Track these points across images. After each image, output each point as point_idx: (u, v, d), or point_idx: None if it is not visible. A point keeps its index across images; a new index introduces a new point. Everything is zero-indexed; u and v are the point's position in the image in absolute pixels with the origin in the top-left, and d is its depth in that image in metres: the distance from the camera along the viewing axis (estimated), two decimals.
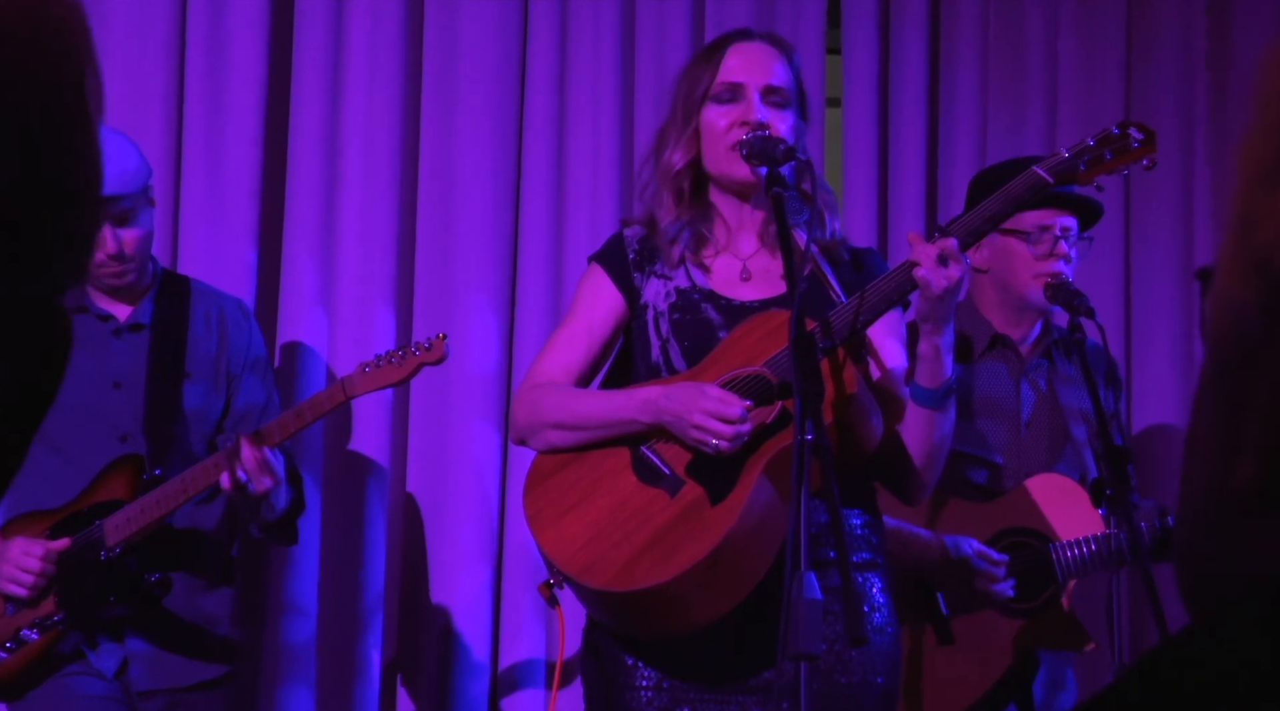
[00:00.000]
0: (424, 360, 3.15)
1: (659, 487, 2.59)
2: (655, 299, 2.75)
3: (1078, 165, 2.60)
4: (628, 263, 2.79)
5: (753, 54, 2.76)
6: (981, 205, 2.58)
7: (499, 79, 4.12)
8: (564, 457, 2.69)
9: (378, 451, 3.98)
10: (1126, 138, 2.61)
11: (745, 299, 2.73)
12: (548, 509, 2.64)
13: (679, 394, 2.57)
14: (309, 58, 4.06)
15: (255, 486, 3.11)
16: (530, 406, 2.72)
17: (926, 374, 2.60)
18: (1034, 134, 4.36)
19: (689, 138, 2.74)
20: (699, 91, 2.74)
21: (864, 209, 4.29)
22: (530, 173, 4.13)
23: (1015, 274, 3.44)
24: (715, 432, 2.51)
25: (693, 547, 2.51)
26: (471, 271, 4.06)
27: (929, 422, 2.62)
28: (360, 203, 4.02)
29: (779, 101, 2.74)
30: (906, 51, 4.33)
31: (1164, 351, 4.28)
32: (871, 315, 2.58)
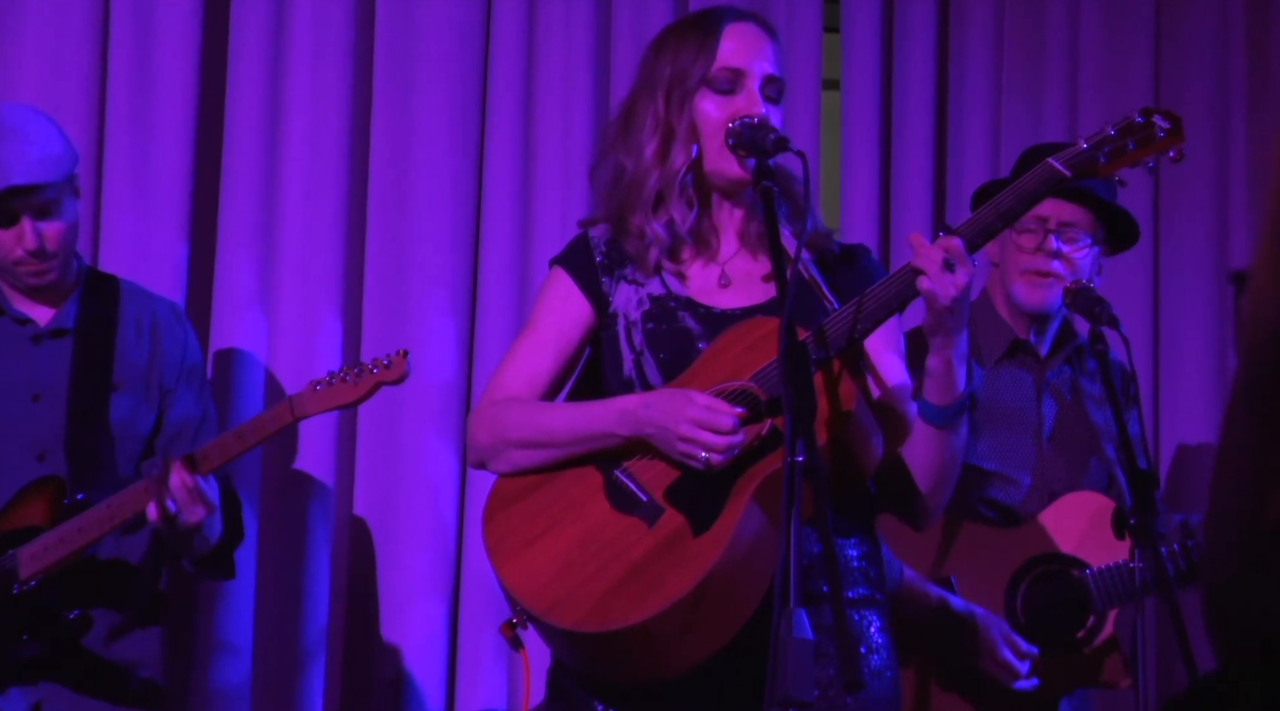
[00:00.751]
0: (382, 379, 3.14)
1: (635, 515, 2.59)
2: (626, 307, 2.74)
3: (1097, 157, 2.60)
4: (594, 266, 2.78)
5: (752, 37, 2.75)
6: (993, 200, 2.59)
7: (459, 59, 4.12)
8: (528, 481, 2.68)
9: (321, 470, 3.98)
10: (1151, 126, 2.62)
11: (725, 306, 2.73)
12: (510, 538, 2.64)
13: (661, 402, 2.57)
14: (248, 33, 4.05)
15: (186, 518, 3.11)
16: (492, 423, 2.71)
17: (937, 389, 2.59)
18: (1053, 119, 4.38)
19: (688, 131, 2.72)
20: (693, 76, 2.72)
21: (864, 203, 4.31)
22: (494, 163, 4.13)
23: (1008, 270, 3.47)
24: (705, 444, 2.51)
25: (674, 583, 2.50)
26: (428, 271, 4.06)
27: (939, 442, 2.62)
28: (304, 193, 4.02)
29: (775, 95, 2.74)
30: (912, 29, 4.35)
31: (1195, 364, 4.30)
32: (870, 324, 2.57)
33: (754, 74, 2.71)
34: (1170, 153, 2.63)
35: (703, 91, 2.72)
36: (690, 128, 2.71)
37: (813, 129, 4.25)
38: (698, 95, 2.72)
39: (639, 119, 2.76)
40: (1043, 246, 3.40)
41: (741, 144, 2.68)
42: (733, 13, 2.79)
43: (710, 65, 2.71)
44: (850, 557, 2.68)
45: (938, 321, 2.54)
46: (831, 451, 2.51)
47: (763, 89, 2.72)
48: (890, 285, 2.59)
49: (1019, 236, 3.42)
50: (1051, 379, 3.53)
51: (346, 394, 3.15)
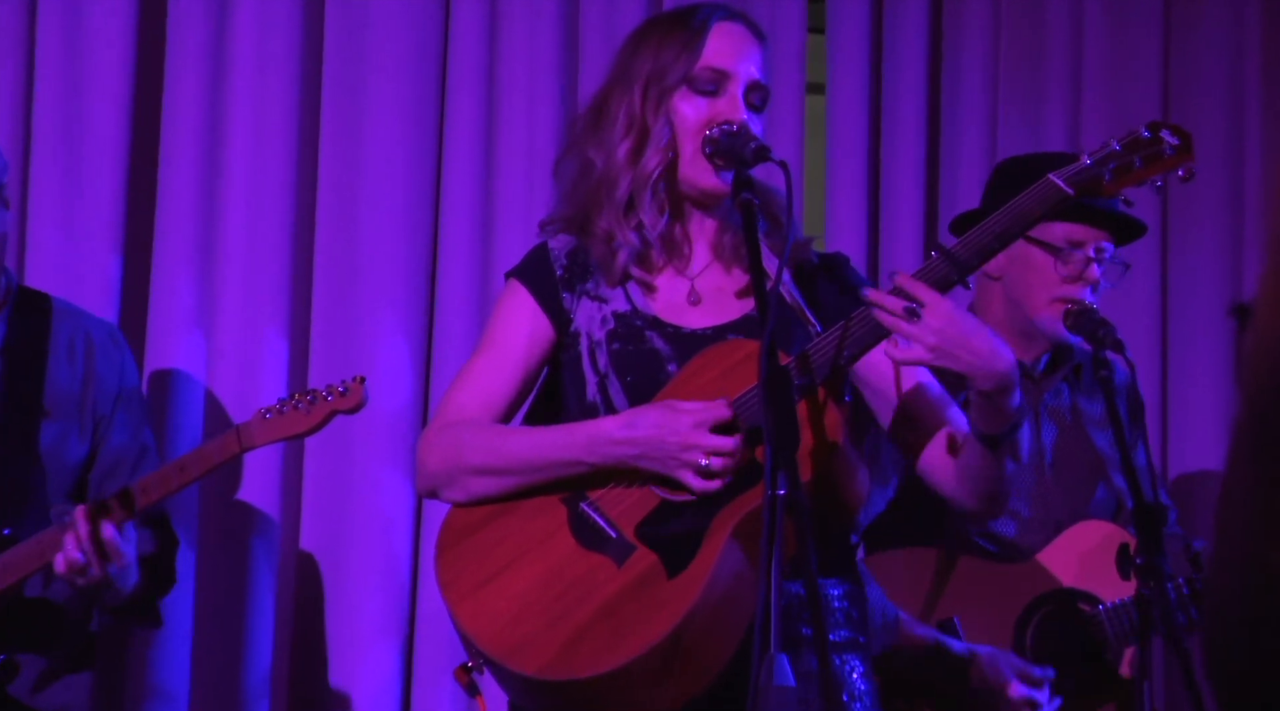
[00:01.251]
0: (337, 407, 3.14)
1: (603, 553, 2.58)
2: (589, 325, 2.73)
3: (1101, 174, 2.60)
4: (554, 280, 2.77)
5: (740, 38, 2.74)
6: (988, 220, 2.58)
7: (415, 60, 4.12)
8: (485, 512, 2.67)
9: (265, 503, 3.97)
10: (1159, 142, 2.62)
11: (695, 326, 2.72)
12: (465, 575, 2.63)
13: (647, 416, 2.55)
14: (186, 34, 4.04)
15: (94, 571, 3.08)
16: (445, 448, 2.69)
17: (987, 420, 2.57)
18: (1053, 129, 4.40)
19: (662, 131, 2.71)
20: (673, 74, 2.71)
21: (850, 217, 4.32)
22: (452, 171, 4.13)
23: (1031, 292, 3.45)
24: (710, 446, 2.49)
25: (647, 628, 2.49)
26: (380, 288, 4.06)
27: (996, 460, 2.60)
28: (246, 205, 4.01)
29: (759, 102, 2.74)
30: (903, 30, 4.36)
31: (1206, 393, 4.31)
32: (859, 349, 2.57)
33: (739, 77, 2.71)
34: (1179, 171, 2.63)
35: (682, 91, 2.71)
36: (667, 128, 2.71)
37: (795, 136, 4.26)
38: (676, 94, 2.71)
39: (612, 114, 2.75)
40: (1084, 275, 3.41)
41: (719, 152, 2.67)
42: (722, 10, 2.78)
43: (693, 63, 2.71)
44: (831, 598, 2.68)
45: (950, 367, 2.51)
46: (814, 485, 2.50)
47: (747, 94, 2.72)
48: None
49: (1051, 261, 3.41)
50: (1050, 401, 3.53)
51: (298, 423, 3.14)
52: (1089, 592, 3.35)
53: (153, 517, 3.40)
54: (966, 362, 2.50)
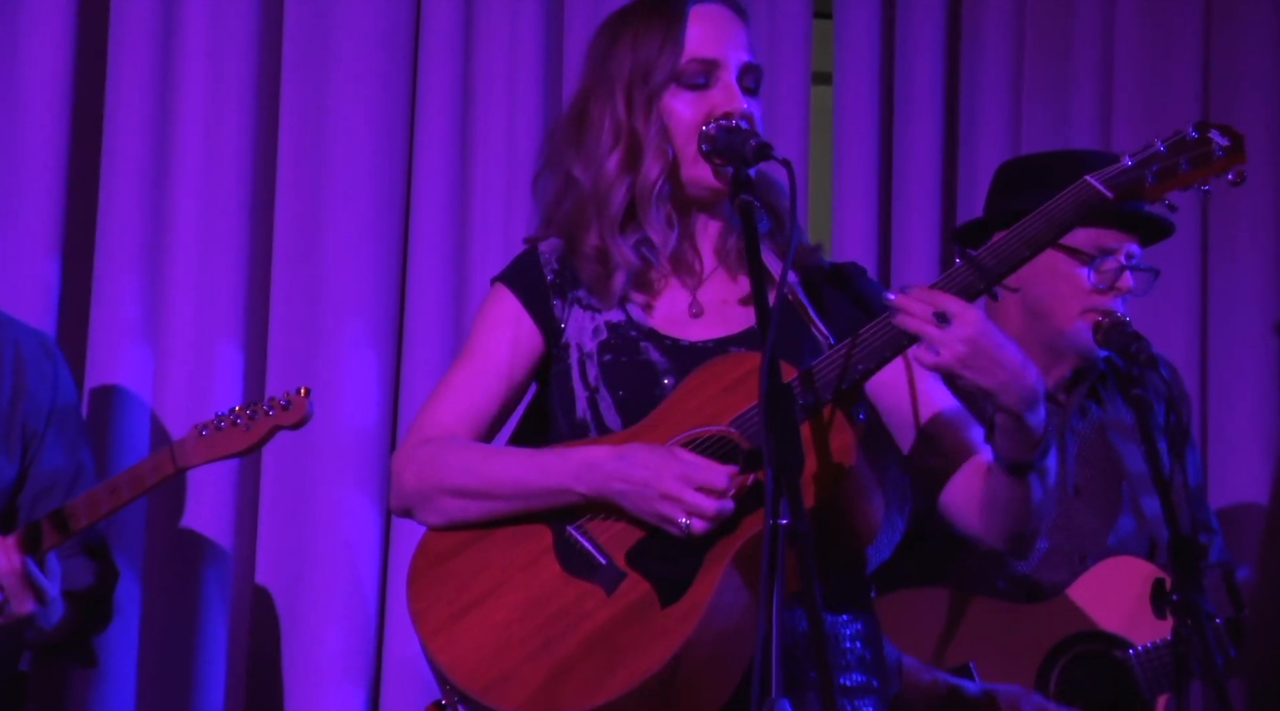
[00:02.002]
0: (279, 423, 3.15)
1: (591, 581, 2.60)
2: (580, 336, 2.75)
3: (1144, 176, 2.61)
4: (545, 286, 2.79)
5: (722, 20, 2.76)
6: (1019, 226, 2.59)
7: (384, 47, 4.14)
8: (463, 537, 2.68)
9: (217, 530, 3.98)
10: (1207, 143, 2.63)
11: (695, 338, 2.74)
12: (440, 603, 2.64)
13: (642, 453, 2.57)
14: (131, 20, 4.06)
15: (14, 607, 3.09)
16: (423, 465, 2.71)
17: (1011, 446, 2.57)
18: (1082, 118, 4.42)
19: (659, 137, 2.73)
20: (659, 72, 2.72)
21: (859, 216, 4.33)
22: (424, 169, 4.15)
23: (1060, 304, 3.45)
24: (692, 506, 2.51)
25: (639, 661, 2.51)
26: (345, 296, 4.07)
27: (1025, 490, 2.60)
28: (198, 206, 4.03)
29: (753, 85, 2.75)
30: (917, 15, 4.38)
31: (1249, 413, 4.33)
32: (874, 363, 2.58)
33: (729, 63, 2.73)
34: (1229, 175, 2.64)
35: (671, 88, 2.72)
36: (662, 132, 2.72)
37: (800, 129, 4.27)
38: (666, 93, 2.72)
39: (594, 122, 2.77)
40: (1117, 285, 3.42)
41: (717, 150, 2.68)
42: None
43: (678, 57, 2.72)
44: (843, 637, 2.69)
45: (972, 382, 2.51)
46: (823, 513, 2.51)
47: (740, 79, 2.73)
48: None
49: (1079, 270, 3.43)
50: (1075, 422, 3.54)
51: (237, 440, 3.15)
52: (1119, 636, 3.36)
53: (91, 546, 3.41)
54: (996, 377, 2.51)
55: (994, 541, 2.68)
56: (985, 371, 2.50)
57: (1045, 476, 2.62)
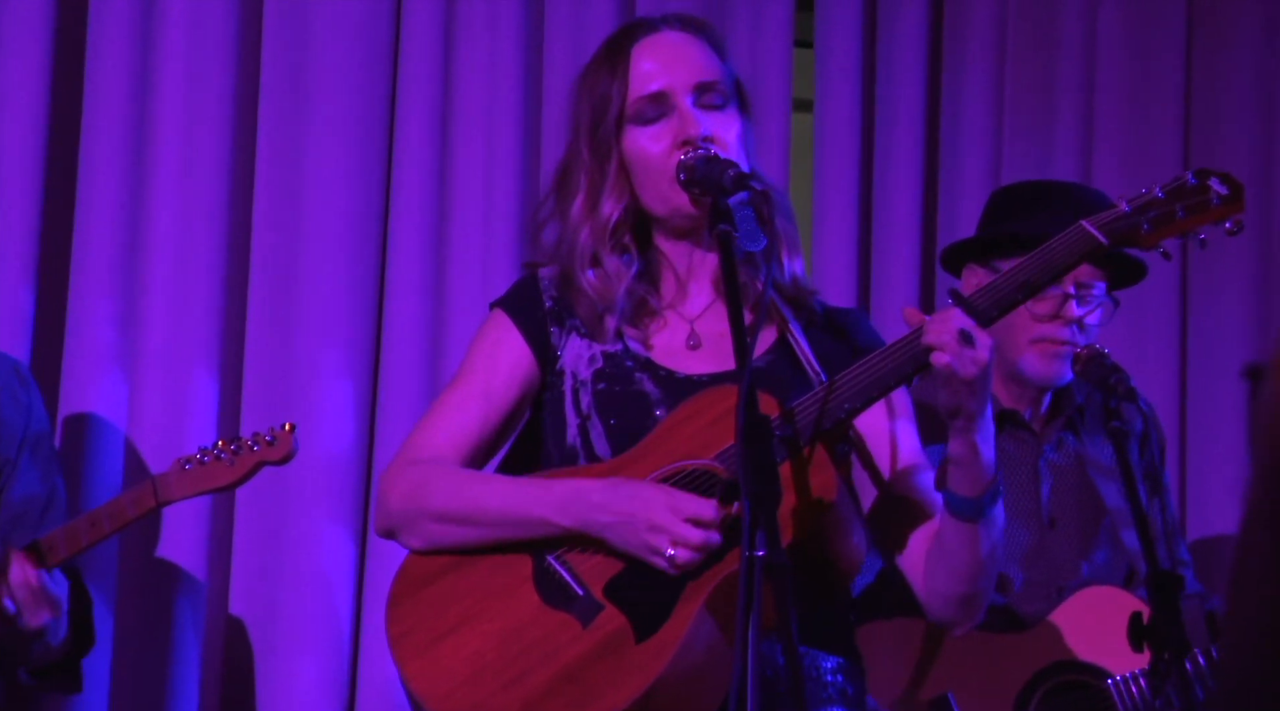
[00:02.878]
0: (264, 458, 3.15)
1: (568, 612, 2.60)
2: (576, 363, 2.76)
3: (1140, 223, 2.61)
4: (543, 312, 2.80)
5: (667, 48, 2.77)
6: (1013, 269, 2.60)
7: (362, 76, 4.15)
8: (443, 562, 2.69)
9: (190, 560, 3.98)
10: (1206, 191, 2.63)
11: (692, 371, 2.74)
12: (419, 630, 2.64)
13: (627, 488, 2.58)
14: (108, 43, 4.07)
15: (27, 620, 3.09)
16: (410, 487, 2.71)
17: (965, 479, 2.60)
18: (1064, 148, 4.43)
19: (616, 178, 2.74)
20: (611, 113, 2.74)
21: (840, 244, 4.35)
22: (401, 199, 4.15)
23: (1011, 334, 3.50)
24: (679, 536, 2.51)
25: (611, 695, 2.51)
26: (321, 324, 4.08)
27: (973, 538, 2.62)
28: (174, 232, 4.03)
29: (716, 101, 2.75)
30: (899, 43, 4.40)
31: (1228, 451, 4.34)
32: (860, 402, 2.58)
33: (679, 89, 2.73)
34: (1226, 223, 2.64)
35: (628, 128, 2.74)
36: (620, 170, 2.74)
37: (781, 157, 4.29)
38: (624, 134, 2.74)
39: (568, 168, 2.81)
40: (1061, 313, 3.44)
41: (694, 181, 2.69)
42: (643, 26, 2.81)
43: (625, 99, 2.74)
44: (824, 671, 2.69)
45: (957, 403, 2.54)
46: (805, 550, 2.51)
47: (698, 100, 2.74)
48: (887, 357, 2.59)
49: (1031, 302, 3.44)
50: (1050, 454, 3.56)
51: (221, 475, 3.16)
52: (1097, 665, 3.37)
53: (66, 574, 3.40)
54: (982, 403, 2.55)
55: (941, 605, 2.69)
56: (981, 396, 2.53)
57: (992, 528, 2.64)
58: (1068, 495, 3.56)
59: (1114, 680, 3.36)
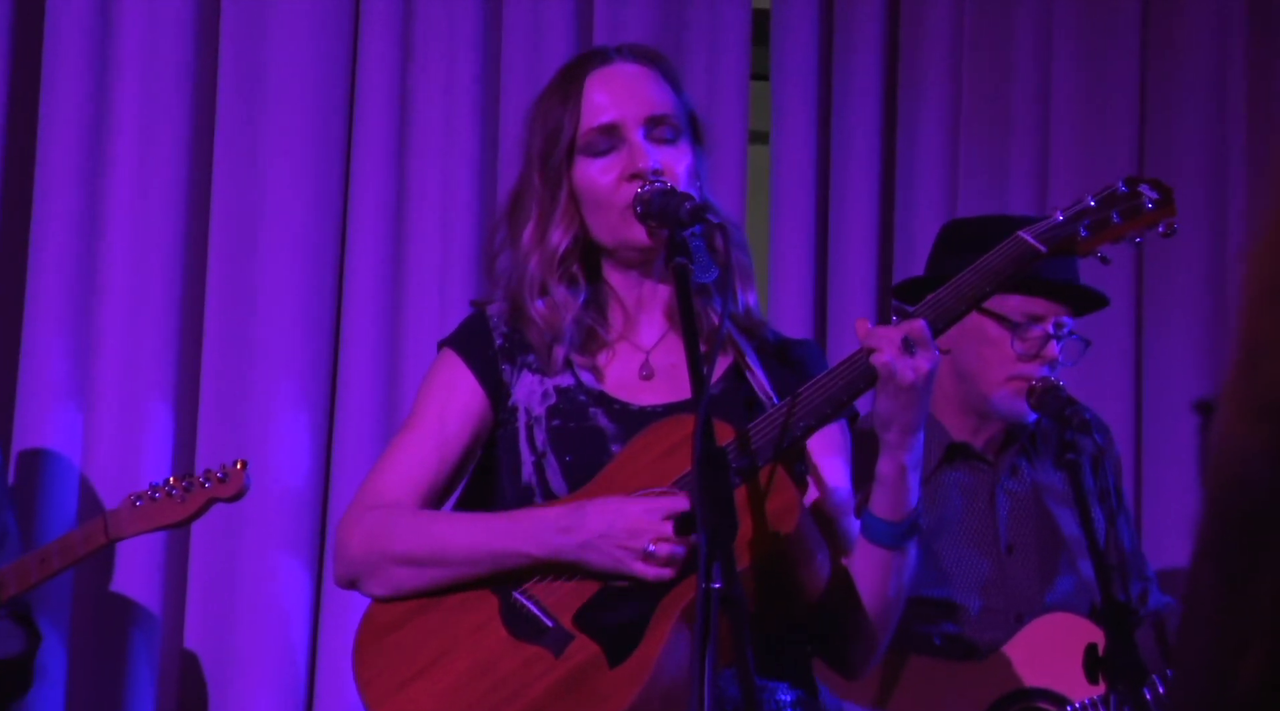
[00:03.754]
0: (215, 495, 3.15)
1: (538, 644, 2.59)
2: (529, 400, 2.75)
3: (1076, 230, 2.65)
4: (493, 350, 2.79)
5: (620, 80, 2.78)
6: (956, 280, 2.62)
7: (319, 102, 4.15)
8: (408, 606, 2.68)
9: (145, 594, 3.97)
10: (1137, 196, 2.67)
11: (645, 403, 2.74)
12: (386, 674, 2.63)
13: (594, 506, 2.58)
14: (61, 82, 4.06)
15: None
16: (370, 534, 2.70)
17: (887, 502, 2.60)
18: (1019, 180, 4.45)
19: (566, 207, 2.75)
20: (562, 144, 2.74)
21: (797, 275, 4.36)
22: (359, 229, 4.16)
23: (986, 369, 3.51)
24: (662, 534, 2.50)
25: None
26: (277, 357, 4.08)
27: (885, 568, 2.63)
28: (128, 262, 4.03)
29: (667, 135, 2.76)
30: (854, 75, 4.42)
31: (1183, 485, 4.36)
32: (814, 421, 2.59)
33: (630, 122, 2.73)
34: (1159, 227, 2.68)
35: (578, 159, 2.75)
36: (570, 200, 2.74)
37: (737, 189, 4.30)
38: (575, 164, 2.75)
39: (521, 197, 2.81)
40: (1041, 353, 3.46)
41: (651, 213, 2.69)
42: (597, 57, 2.81)
43: (575, 130, 2.75)
44: (782, 704, 2.69)
45: (893, 411, 2.55)
46: (764, 576, 2.52)
47: (649, 134, 2.74)
48: (836, 376, 2.60)
49: (1007, 335, 3.47)
50: (1006, 482, 3.57)
51: (172, 512, 3.15)
52: (1055, 692, 3.38)
53: (14, 611, 3.39)
54: (920, 415, 2.56)
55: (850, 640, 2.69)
56: (917, 409, 2.54)
57: (905, 563, 2.64)
58: (1026, 522, 3.57)
59: (1072, 707, 3.37)
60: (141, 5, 4.09)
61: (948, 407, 3.57)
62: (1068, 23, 4.50)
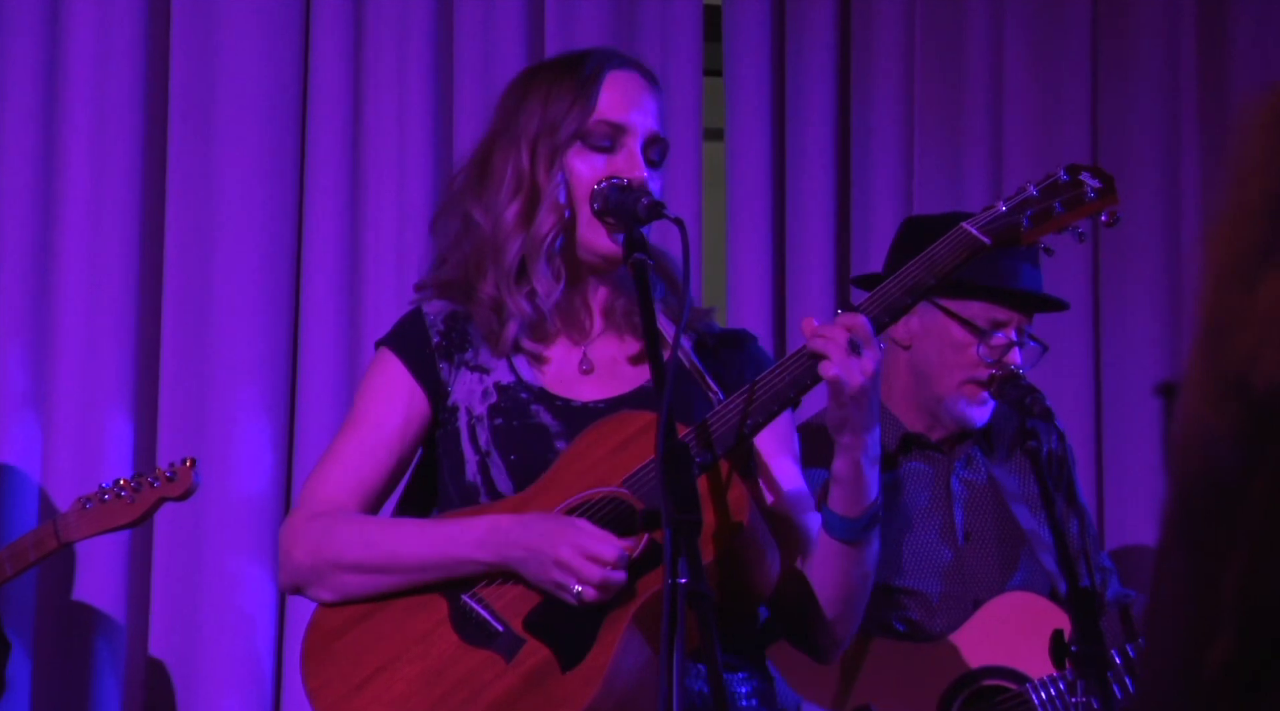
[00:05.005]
0: (164, 494, 3.14)
1: (489, 649, 2.59)
2: (469, 399, 2.74)
3: (1019, 221, 2.65)
4: (430, 348, 2.78)
5: (636, 89, 2.77)
6: (899, 273, 2.63)
7: (271, 101, 4.15)
8: (355, 610, 2.67)
9: (108, 601, 3.96)
10: (1079, 185, 2.68)
11: (587, 399, 2.74)
12: (337, 681, 2.63)
13: (540, 522, 2.58)
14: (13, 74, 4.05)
15: None
16: (314, 541, 2.69)
17: (845, 498, 2.61)
18: (974, 175, 4.46)
19: (556, 191, 2.72)
20: (565, 129, 2.73)
21: (754, 273, 4.36)
22: (314, 232, 4.15)
23: (945, 371, 3.52)
24: (581, 575, 2.51)
25: None
26: (236, 362, 4.07)
27: (848, 560, 2.64)
28: (84, 268, 4.02)
29: (657, 158, 2.76)
30: (807, 72, 4.43)
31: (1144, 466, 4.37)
32: (762, 417, 2.59)
33: (636, 131, 2.73)
34: (1103, 216, 2.69)
35: (576, 147, 2.73)
36: (561, 188, 2.72)
37: (693, 187, 4.30)
38: (570, 151, 2.73)
39: (497, 170, 2.77)
40: (1003, 360, 3.47)
41: (608, 209, 2.69)
42: (616, 58, 2.81)
43: (586, 117, 2.72)
44: (739, 695, 2.69)
45: (844, 416, 2.56)
46: (719, 570, 2.52)
47: (645, 149, 2.74)
48: (784, 371, 2.60)
49: (971, 340, 3.48)
50: (961, 472, 3.58)
51: (121, 513, 3.14)
52: (1015, 670, 3.39)
53: None
54: (870, 417, 2.56)
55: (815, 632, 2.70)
56: (867, 409, 2.55)
57: (867, 554, 2.65)
58: (983, 512, 3.59)
59: (1031, 683, 3.39)
60: (91, 3, 4.08)
61: (903, 402, 3.58)
62: (1019, 14, 4.52)
